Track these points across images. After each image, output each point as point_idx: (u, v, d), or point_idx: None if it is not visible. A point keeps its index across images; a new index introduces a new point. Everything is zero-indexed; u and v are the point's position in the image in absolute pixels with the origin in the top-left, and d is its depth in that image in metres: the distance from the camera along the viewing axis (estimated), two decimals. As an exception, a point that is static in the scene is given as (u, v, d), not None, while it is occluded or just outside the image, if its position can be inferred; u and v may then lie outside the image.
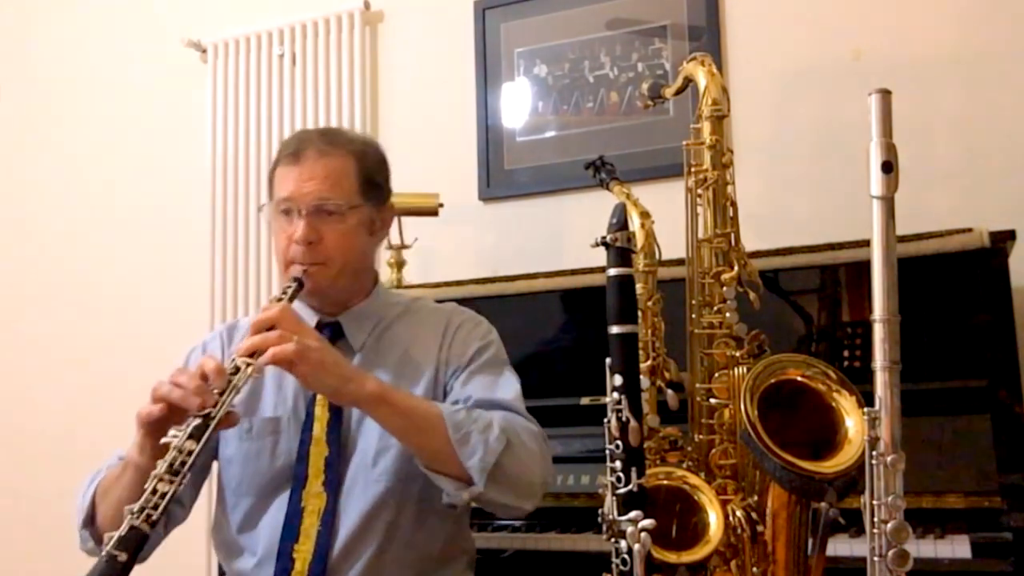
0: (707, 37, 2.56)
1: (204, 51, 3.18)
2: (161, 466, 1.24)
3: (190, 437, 1.26)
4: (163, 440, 1.29)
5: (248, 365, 1.34)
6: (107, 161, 3.33)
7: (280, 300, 1.45)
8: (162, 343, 2.77)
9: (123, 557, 1.15)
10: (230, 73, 3.12)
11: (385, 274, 2.68)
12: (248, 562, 1.51)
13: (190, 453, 1.25)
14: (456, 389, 1.53)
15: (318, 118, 2.97)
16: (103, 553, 1.16)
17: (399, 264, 2.57)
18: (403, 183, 2.77)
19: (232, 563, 1.55)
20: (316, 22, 3.02)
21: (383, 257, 2.71)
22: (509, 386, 1.55)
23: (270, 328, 1.37)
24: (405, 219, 2.56)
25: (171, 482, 1.23)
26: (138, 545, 1.18)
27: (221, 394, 1.31)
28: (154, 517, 1.20)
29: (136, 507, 1.20)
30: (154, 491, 1.22)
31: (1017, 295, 1.91)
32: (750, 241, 1.57)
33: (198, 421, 1.28)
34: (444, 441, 1.38)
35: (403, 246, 2.57)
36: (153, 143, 3.27)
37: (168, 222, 3.21)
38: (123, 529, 1.18)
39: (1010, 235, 1.93)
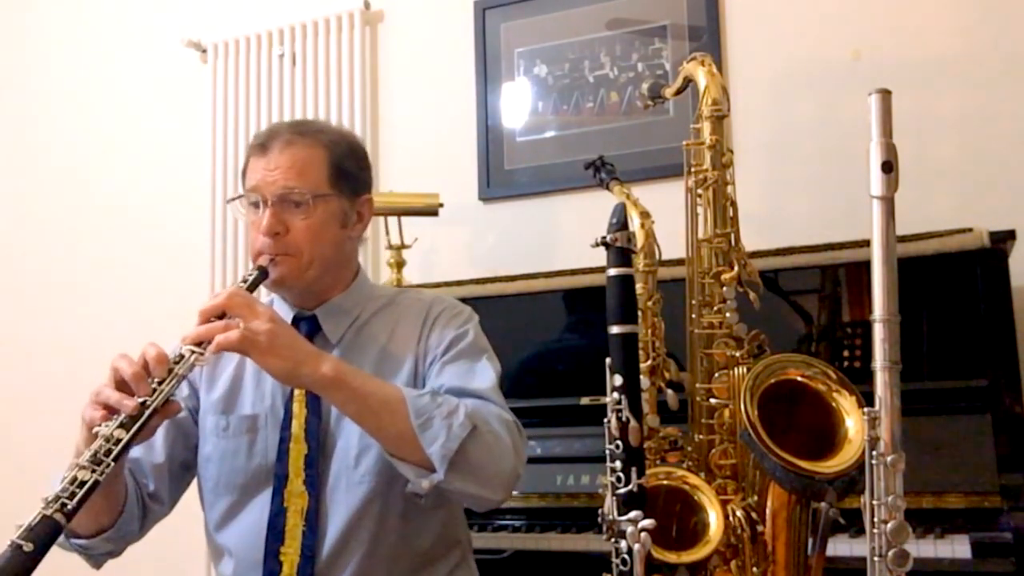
0: (707, 37, 2.56)
1: (204, 51, 3.18)
2: (85, 454, 1.18)
3: (120, 426, 1.21)
4: (94, 429, 1.23)
5: (193, 353, 1.29)
6: (107, 161, 3.33)
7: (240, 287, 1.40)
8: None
9: (29, 548, 1.07)
10: (230, 73, 3.12)
11: (385, 274, 2.68)
12: (228, 566, 1.50)
13: (118, 442, 1.19)
14: (431, 380, 1.48)
15: (318, 118, 2.96)
16: (10, 541, 1.08)
17: (399, 264, 2.57)
18: (403, 183, 2.82)
19: (218, 566, 1.54)
20: (316, 22, 3.02)
21: (383, 257, 2.71)
22: (484, 375, 1.47)
23: (221, 316, 1.33)
24: (405, 219, 2.56)
25: (92, 471, 1.15)
26: (48, 536, 1.10)
27: (161, 383, 1.26)
28: (70, 507, 1.12)
29: (51, 496, 1.12)
30: (72, 480, 1.14)
31: (1017, 295, 1.91)
32: (750, 241, 1.57)
33: (133, 411, 1.24)
34: (405, 426, 1.32)
35: (403, 246, 2.57)
36: (153, 143, 3.27)
37: (168, 222, 3.21)
38: (34, 518, 1.11)
39: (1010, 235, 1.94)
